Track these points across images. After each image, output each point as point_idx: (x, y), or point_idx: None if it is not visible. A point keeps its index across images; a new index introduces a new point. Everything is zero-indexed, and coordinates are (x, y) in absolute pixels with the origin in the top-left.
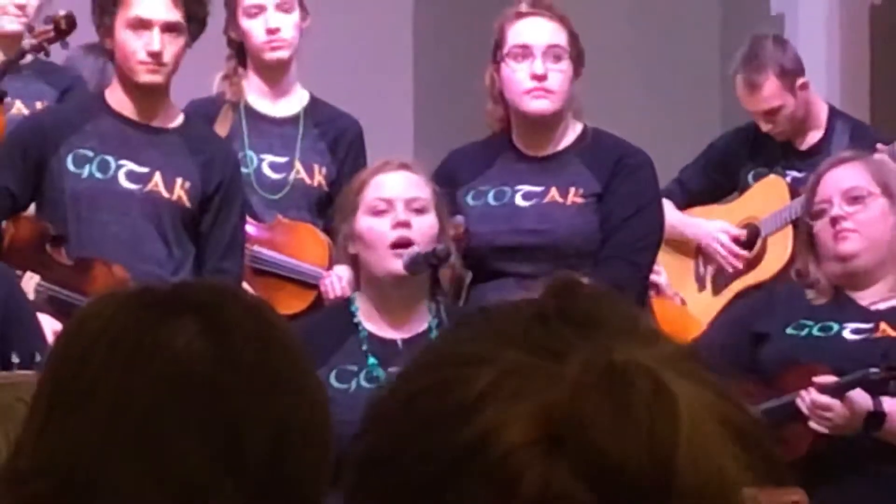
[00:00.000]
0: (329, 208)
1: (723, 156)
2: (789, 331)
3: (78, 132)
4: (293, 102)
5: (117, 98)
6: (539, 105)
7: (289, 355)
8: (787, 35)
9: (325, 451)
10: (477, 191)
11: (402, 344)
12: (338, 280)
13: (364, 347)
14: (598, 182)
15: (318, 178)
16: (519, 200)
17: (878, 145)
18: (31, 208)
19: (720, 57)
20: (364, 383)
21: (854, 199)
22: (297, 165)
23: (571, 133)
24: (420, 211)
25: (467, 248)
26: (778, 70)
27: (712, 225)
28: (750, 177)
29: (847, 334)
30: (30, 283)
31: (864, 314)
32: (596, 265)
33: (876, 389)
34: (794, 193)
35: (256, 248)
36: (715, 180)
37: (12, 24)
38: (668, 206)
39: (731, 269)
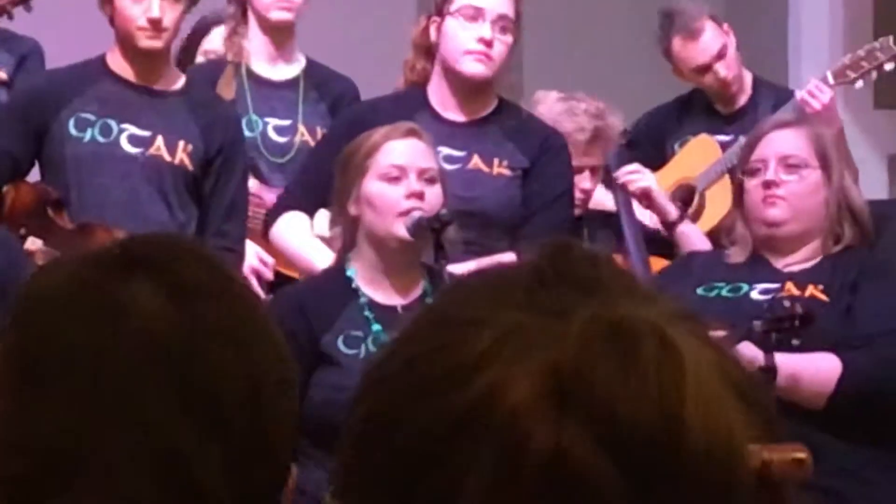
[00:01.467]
0: None
1: (647, 130)
2: (699, 291)
3: (79, 96)
4: (293, 65)
5: (118, 62)
6: (476, 68)
7: (250, 307)
8: (791, 14)
9: (295, 403)
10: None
11: (401, 309)
12: None
13: (366, 313)
14: (524, 157)
15: None
16: (441, 163)
17: (814, 81)
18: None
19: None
20: (373, 349)
21: (790, 166)
22: (301, 128)
23: (491, 103)
24: (431, 181)
25: None
26: (707, 14)
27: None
28: (676, 146)
29: (755, 294)
30: (32, 247)
31: (774, 274)
32: (515, 242)
33: (761, 344)
34: (724, 150)
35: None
36: (642, 156)
37: None
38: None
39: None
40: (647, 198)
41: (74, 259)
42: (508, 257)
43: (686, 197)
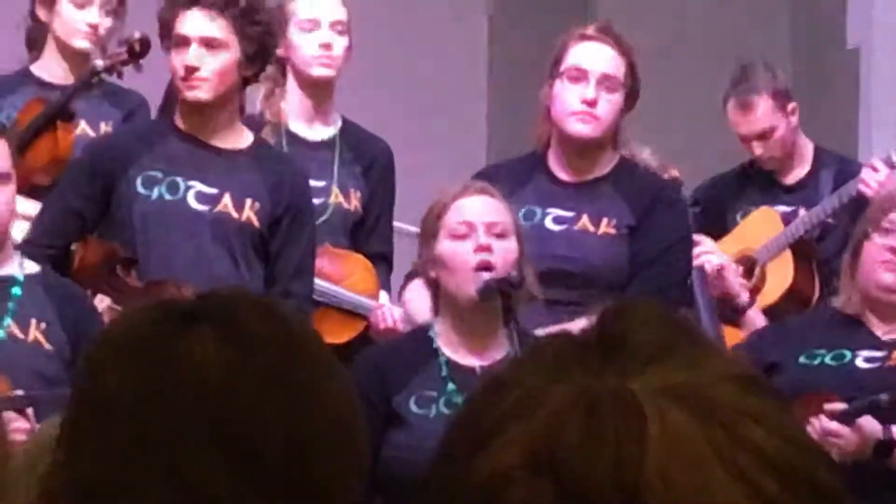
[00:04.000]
0: (360, 232)
1: (710, 197)
2: (802, 360)
3: (146, 154)
4: (330, 126)
5: (182, 118)
6: (582, 129)
7: (308, 362)
8: (863, 69)
9: (351, 460)
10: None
11: (480, 371)
12: (389, 312)
13: (443, 373)
14: (632, 214)
15: (355, 202)
16: (549, 223)
17: (873, 160)
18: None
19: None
20: (444, 409)
21: None
22: (335, 190)
23: (609, 163)
24: (501, 235)
25: None
26: (771, 91)
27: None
28: (738, 216)
29: (860, 362)
30: (101, 306)
31: (877, 342)
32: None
33: (885, 416)
34: (786, 223)
35: None
36: (703, 227)
37: (83, 43)
38: None
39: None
40: (720, 277)
41: (141, 310)
42: (583, 323)
43: (747, 270)
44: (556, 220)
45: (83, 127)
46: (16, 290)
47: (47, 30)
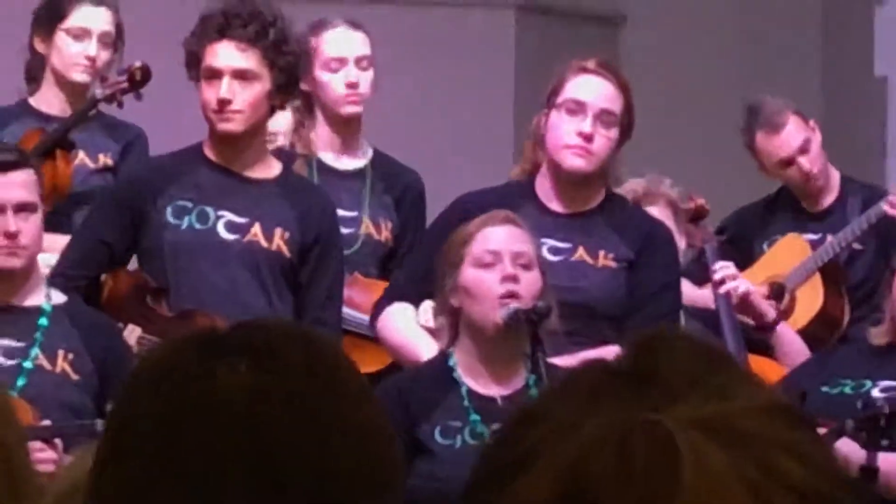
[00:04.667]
0: (391, 262)
1: (735, 229)
2: (824, 388)
3: (176, 184)
4: (360, 157)
5: (211, 148)
6: (576, 163)
7: (340, 391)
8: (890, 98)
9: (384, 491)
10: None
11: (501, 401)
12: None
13: (465, 403)
14: (629, 249)
15: (385, 233)
16: (545, 254)
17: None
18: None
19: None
20: (469, 439)
21: None
22: (366, 220)
23: (598, 196)
24: (526, 266)
25: None
26: (792, 109)
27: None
28: (765, 246)
29: (875, 392)
30: (132, 336)
31: None
32: (623, 333)
33: (856, 440)
34: (814, 250)
35: None
36: (730, 256)
37: (81, 76)
38: (686, 284)
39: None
40: (745, 302)
41: (174, 341)
42: (611, 351)
43: (776, 295)
44: (552, 250)
45: (82, 157)
46: (43, 321)
47: (45, 62)
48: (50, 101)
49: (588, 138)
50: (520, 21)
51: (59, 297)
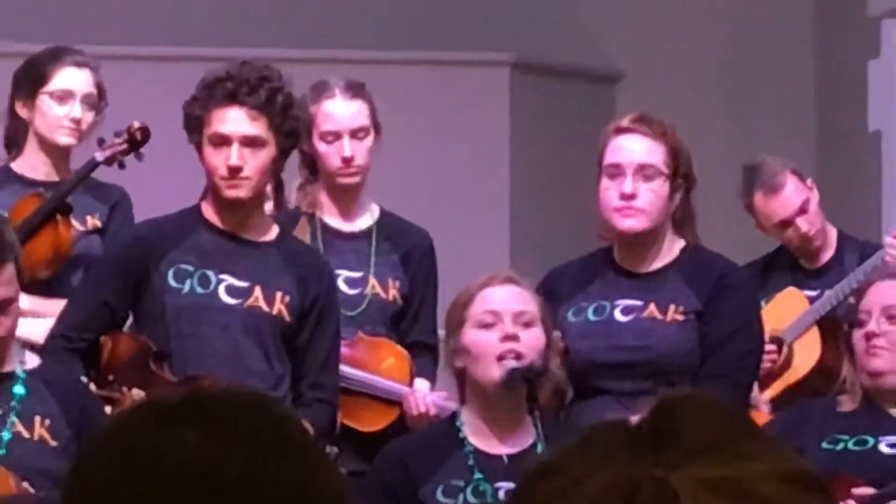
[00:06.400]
0: (402, 322)
1: None
2: (825, 445)
3: (177, 247)
4: (365, 216)
5: (212, 212)
6: (628, 223)
7: (295, 456)
8: (884, 153)
9: None
10: (578, 307)
11: (507, 459)
12: (422, 398)
13: (470, 463)
14: (698, 299)
15: (393, 292)
16: (618, 315)
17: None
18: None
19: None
20: (471, 498)
21: (891, 317)
22: (372, 280)
23: (672, 249)
24: (528, 324)
25: (569, 365)
26: (790, 169)
27: None
28: (763, 302)
29: (883, 448)
30: (136, 399)
31: None
32: (696, 383)
33: None
34: (812, 304)
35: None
36: None
37: (66, 139)
38: None
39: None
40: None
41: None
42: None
43: (775, 349)
44: (625, 310)
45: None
46: (18, 389)
47: (28, 127)
48: (35, 165)
49: (630, 197)
50: (515, 79)
51: (32, 362)
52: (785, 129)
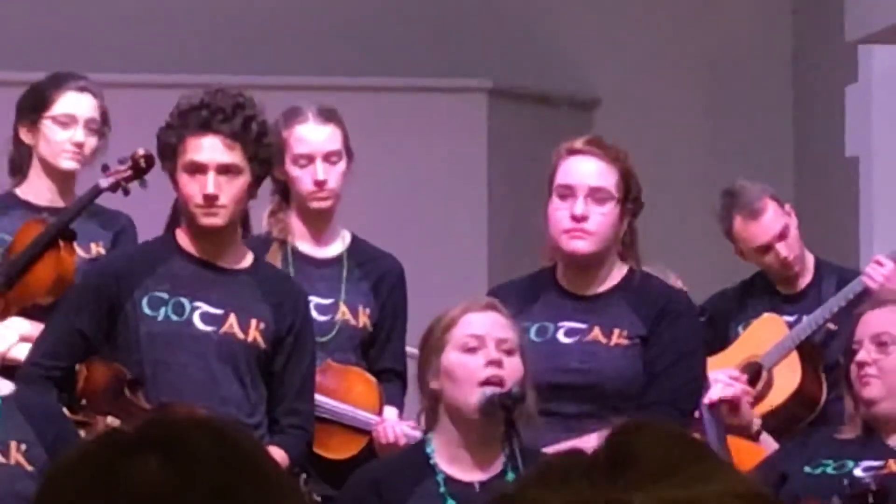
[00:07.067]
0: (371, 349)
1: (714, 313)
2: (807, 469)
3: (151, 275)
4: (336, 243)
5: (186, 239)
6: (576, 245)
7: (257, 482)
8: (862, 179)
9: None
10: (520, 327)
11: (479, 487)
12: (391, 427)
13: (441, 490)
14: (642, 325)
15: (363, 319)
16: (561, 337)
17: (878, 256)
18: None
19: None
20: None
21: (881, 344)
22: (343, 307)
23: (617, 274)
24: (509, 352)
25: None
26: (769, 194)
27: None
28: (740, 328)
29: (858, 472)
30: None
31: (881, 452)
32: (641, 409)
33: None
34: (790, 329)
35: None
36: (706, 338)
37: (69, 163)
38: None
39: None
40: (734, 410)
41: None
42: (592, 441)
43: (752, 377)
44: (568, 332)
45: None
46: None
47: (31, 152)
48: (39, 191)
49: (581, 219)
50: (492, 105)
51: (6, 387)
52: (762, 154)
